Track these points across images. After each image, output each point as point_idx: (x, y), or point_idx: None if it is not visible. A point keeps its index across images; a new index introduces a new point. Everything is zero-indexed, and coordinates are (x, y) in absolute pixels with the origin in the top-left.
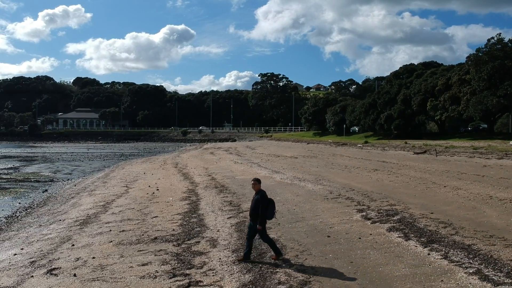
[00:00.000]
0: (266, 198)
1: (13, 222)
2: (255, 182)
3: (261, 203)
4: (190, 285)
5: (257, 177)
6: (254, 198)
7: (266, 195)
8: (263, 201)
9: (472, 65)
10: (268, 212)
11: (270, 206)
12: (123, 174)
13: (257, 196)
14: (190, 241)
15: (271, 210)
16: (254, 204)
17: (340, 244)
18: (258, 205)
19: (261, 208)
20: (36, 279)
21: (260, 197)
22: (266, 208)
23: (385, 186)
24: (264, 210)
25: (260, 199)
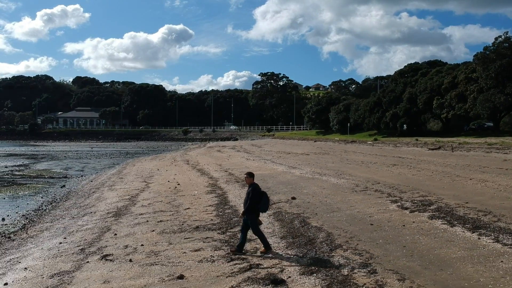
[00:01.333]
0: (258, 191)
1: (43, 215)
2: (247, 176)
3: (252, 194)
4: (251, 267)
5: (250, 171)
6: (247, 191)
7: (258, 188)
8: (254, 193)
9: (480, 64)
10: (262, 204)
11: (263, 199)
12: (136, 170)
13: (249, 189)
14: (233, 229)
15: (264, 203)
16: (246, 196)
17: (385, 231)
18: (249, 197)
19: (250, 199)
20: (92, 264)
21: (252, 190)
22: (259, 200)
23: (409, 179)
24: (256, 202)
25: (251, 191)
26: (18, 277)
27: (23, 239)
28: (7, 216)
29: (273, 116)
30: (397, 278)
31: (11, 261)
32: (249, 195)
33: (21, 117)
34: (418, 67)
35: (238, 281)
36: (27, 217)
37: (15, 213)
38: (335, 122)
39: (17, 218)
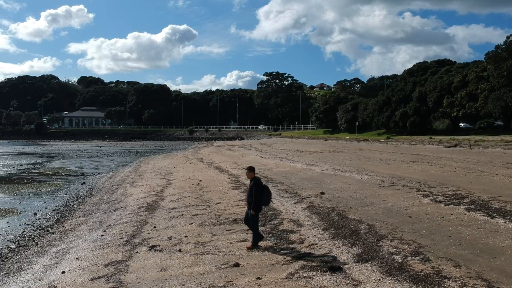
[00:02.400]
0: (260, 185)
1: (73, 210)
2: (248, 170)
3: (255, 189)
4: (303, 256)
5: (251, 166)
6: (249, 185)
7: (260, 182)
8: (257, 187)
9: (491, 62)
10: (264, 198)
11: (265, 192)
12: (152, 168)
13: (251, 184)
14: (272, 222)
15: (266, 197)
16: (249, 190)
17: (426, 223)
18: (252, 191)
19: (254, 193)
20: (142, 254)
21: (253, 184)
22: (261, 194)
23: (434, 175)
24: (258, 196)
25: (253, 186)
26: (73, 266)
27: (63, 232)
28: (38, 211)
29: (278, 115)
30: (453, 265)
31: (60, 252)
32: (252, 190)
33: (27, 116)
34: (427, 66)
35: (295, 269)
36: (58, 212)
37: (44, 208)
38: (343, 121)
39: (48, 213)
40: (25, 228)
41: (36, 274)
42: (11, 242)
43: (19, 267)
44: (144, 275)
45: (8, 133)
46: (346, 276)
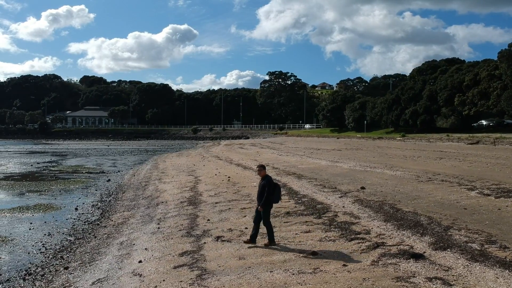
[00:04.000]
0: (272, 183)
1: (111, 205)
2: (260, 168)
3: (267, 187)
4: (377, 245)
5: (262, 164)
6: (261, 183)
7: (272, 180)
8: (269, 185)
9: (504, 60)
10: (275, 196)
11: (276, 190)
12: (172, 166)
13: (263, 181)
14: (326, 214)
15: (277, 194)
16: (261, 188)
17: (484, 214)
18: (264, 189)
19: (266, 191)
20: (211, 244)
21: (266, 182)
22: (272, 192)
23: (467, 170)
24: (270, 194)
25: (266, 184)
26: (147, 256)
27: (115, 226)
28: (78, 206)
29: (281, 114)
30: None
31: (124, 244)
32: (265, 188)
33: (30, 116)
34: (437, 65)
35: (376, 256)
36: (98, 207)
37: (82, 204)
38: (350, 120)
39: (88, 208)
40: (74, 222)
41: (113, 264)
42: (67, 235)
43: (91, 258)
44: (224, 263)
45: (12, 133)
46: (432, 263)
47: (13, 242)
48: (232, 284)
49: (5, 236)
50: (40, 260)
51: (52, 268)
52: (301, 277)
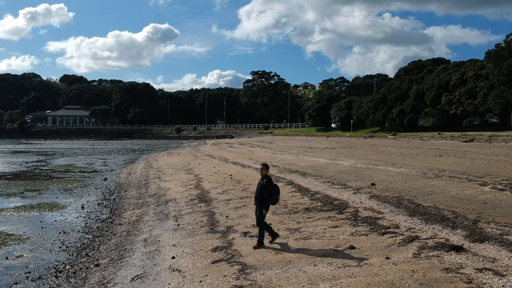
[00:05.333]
0: (272, 184)
1: (117, 203)
2: (262, 167)
3: (267, 188)
4: (412, 239)
5: (265, 163)
6: (260, 183)
7: (271, 181)
8: (268, 186)
9: (491, 60)
10: (273, 197)
11: (275, 191)
12: (166, 165)
13: (262, 181)
14: (346, 210)
15: (275, 196)
16: (259, 188)
17: (506, 208)
18: (263, 190)
19: (266, 192)
20: (240, 240)
21: (266, 182)
22: (271, 193)
23: (470, 167)
24: (270, 194)
25: (265, 184)
26: (178, 252)
27: (130, 224)
28: (84, 205)
29: (265, 114)
30: None
31: (148, 240)
32: (263, 188)
33: (9, 115)
34: (423, 65)
35: (415, 249)
36: (105, 206)
37: (87, 202)
38: (337, 119)
39: (94, 206)
40: (86, 221)
41: (145, 260)
42: (83, 233)
43: (119, 255)
44: (262, 258)
45: None
46: (475, 254)
47: (31, 241)
48: (279, 278)
49: (19, 234)
50: (65, 257)
51: (81, 266)
52: (348, 270)
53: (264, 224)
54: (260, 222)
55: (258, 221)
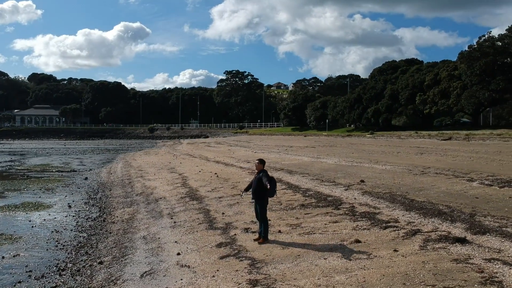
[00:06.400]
0: (269, 176)
1: (105, 202)
2: (258, 162)
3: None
4: (415, 232)
5: (261, 158)
6: (256, 177)
7: (268, 174)
8: (268, 177)
9: (464, 61)
10: (271, 190)
11: (271, 184)
12: (146, 164)
13: (259, 175)
14: (343, 206)
15: (272, 188)
16: (256, 182)
17: (498, 202)
18: (261, 182)
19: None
20: (243, 236)
21: (263, 175)
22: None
23: (454, 164)
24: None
25: (264, 175)
26: (183, 248)
27: (124, 222)
28: (70, 204)
29: (238, 114)
30: None
31: (147, 238)
32: (261, 180)
33: None
34: (397, 65)
35: (421, 242)
36: (93, 205)
37: (72, 201)
38: (312, 119)
39: (81, 205)
40: (76, 219)
41: (150, 257)
42: (76, 231)
43: (120, 252)
44: (269, 253)
45: None
46: (480, 246)
47: (24, 240)
48: (293, 271)
49: (10, 234)
50: (64, 256)
51: (83, 263)
52: (360, 263)
53: (266, 219)
54: (262, 217)
55: (261, 216)
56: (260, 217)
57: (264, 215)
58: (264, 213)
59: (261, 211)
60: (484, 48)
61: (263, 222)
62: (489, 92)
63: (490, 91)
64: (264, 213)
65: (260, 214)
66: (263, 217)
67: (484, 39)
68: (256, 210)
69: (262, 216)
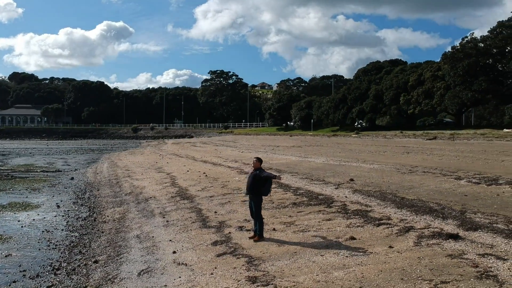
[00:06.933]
0: (264, 173)
1: (94, 201)
2: (256, 160)
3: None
4: (409, 229)
5: (258, 156)
6: (253, 173)
7: (265, 172)
8: (262, 176)
9: (448, 62)
10: (265, 188)
11: (267, 182)
12: (132, 164)
13: (255, 172)
14: (335, 204)
15: (267, 187)
16: (252, 178)
17: (487, 199)
18: (256, 179)
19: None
20: (237, 234)
21: (259, 172)
22: (264, 184)
23: (440, 163)
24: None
25: (258, 174)
26: (178, 247)
27: (116, 221)
28: (58, 204)
29: (223, 114)
30: None
31: (141, 237)
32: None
33: None
34: (381, 66)
35: (415, 238)
36: (81, 204)
37: (60, 201)
38: (297, 119)
39: (70, 205)
40: (66, 219)
41: (145, 256)
42: (68, 231)
43: (115, 251)
44: (266, 250)
45: None
46: (473, 241)
47: (14, 240)
48: (291, 268)
49: (0, 234)
50: (57, 255)
51: (78, 263)
52: (357, 259)
53: (261, 217)
54: (257, 215)
55: (256, 214)
56: (255, 215)
57: (258, 213)
58: (258, 211)
59: (256, 208)
60: (467, 49)
61: (258, 220)
62: (472, 93)
63: (472, 91)
64: (258, 210)
65: (255, 212)
66: (258, 215)
67: (467, 41)
68: (251, 207)
69: (256, 214)
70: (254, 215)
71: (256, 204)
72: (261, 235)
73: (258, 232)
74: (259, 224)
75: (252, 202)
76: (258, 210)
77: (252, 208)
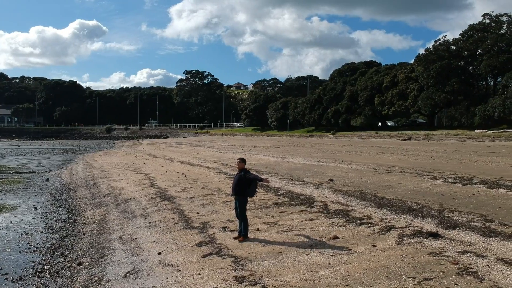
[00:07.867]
0: (251, 176)
1: (72, 203)
2: (240, 161)
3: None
4: (389, 228)
5: (242, 157)
6: (238, 174)
7: (250, 173)
8: (246, 178)
9: (421, 64)
10: (251, 189)
11: (252, 184)
12: (107, 164)
13: (240, 173)
14: (316, 204)
15: (253, 188)
16: (237, 180)
17: (464, 199)
18: (241, 180)
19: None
20: (222, 234)
21: (244, 173)
22: (249, 185)
23: (416, 163)
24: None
25: (244, 176)
26: (163, 248)
27: (96, 223)
28: (35, 206)
29: (198, 114)
30: None
31: (124, 238)
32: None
33: None
34: (356, 67)
35: (396, 237)
36: (59, 206)
37: (37, 203)
38: (273, 119)
39: (48, 207)
40: (45, 221)
41: (130, 257)
42: (48, 233)
43: (98, 253)
44: (251, 250)
45: None
46: (452, 239)
47: None
48: (277, 267)
49: None
50: (39, 258)
51: (62, 265)
52: (341, 258)
53: (246, 218)
54: (242, 215)
55: (240, 214)
56: (240, 215)
57: (243, 213)
58: (243, 211)
59: (241, 208)
60: (440, 51)
61: (242, 220)
62: (445, 94)
63: (445, 93)
64: (243, 211)
65: (240, 212)
66: (243, 215)
67: (440, 43)
68: (236, 208)
69: (241, 214)
70: (239, 215)
71: (241, 205)
72: (246, 235)
73: (243, 232)
74: (244, 224)
75: (237, 202)
76: (243, 211)
77: (237, 209)
